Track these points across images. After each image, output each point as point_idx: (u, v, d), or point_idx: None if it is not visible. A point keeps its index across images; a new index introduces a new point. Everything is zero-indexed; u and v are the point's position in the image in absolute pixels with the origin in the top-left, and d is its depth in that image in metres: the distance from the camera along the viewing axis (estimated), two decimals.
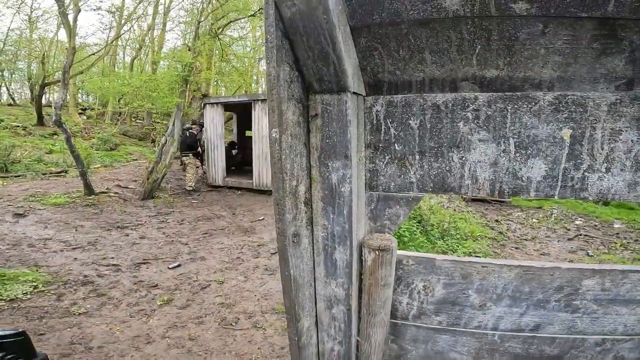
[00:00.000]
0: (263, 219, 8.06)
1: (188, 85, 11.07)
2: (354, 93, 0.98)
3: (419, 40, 0.94)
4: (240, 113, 13.54)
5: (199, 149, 10.90)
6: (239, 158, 13.82)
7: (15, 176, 9.74)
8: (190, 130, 10.69)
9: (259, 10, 11.78)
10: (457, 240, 7.23)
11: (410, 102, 1.05)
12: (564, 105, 0.94)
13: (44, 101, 18.23)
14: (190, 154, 10.42)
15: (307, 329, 1.19)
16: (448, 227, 7.48)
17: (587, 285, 1.06)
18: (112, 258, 5.22)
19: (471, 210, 10.66)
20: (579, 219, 10.39)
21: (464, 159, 1.03)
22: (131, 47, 24.44)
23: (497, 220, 9.85)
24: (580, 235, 8.83)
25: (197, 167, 10.91)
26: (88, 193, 8.31)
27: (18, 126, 14.59)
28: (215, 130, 11.27)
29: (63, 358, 2.98)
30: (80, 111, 19.97)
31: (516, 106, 0.97)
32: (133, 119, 22.39)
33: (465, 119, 1.01)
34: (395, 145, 1.08)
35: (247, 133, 14.33)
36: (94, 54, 16.62)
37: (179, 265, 5.10)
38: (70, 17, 9.20)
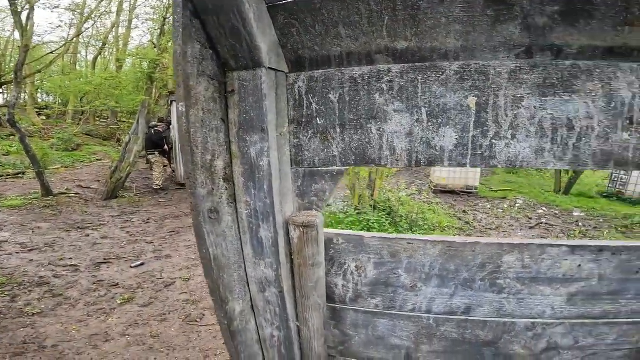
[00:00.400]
0: None
1: (154, 83, 10.73)
2: (271, 69, 0.98)
3: (332, 14, 0.96)
4: None
5: (166, 147, 10.59)
6: None
7: None
8: (157, 128, 10.38)
9: None
10: (425, 231, 7.43)
11: (329, 77, 1.06)
12: (468, 74, 0.97)
13: (1, 101, 17.17)
14: (157, 152, 10.12)
15: (240, 313, 1.19)
16: (416, 218, 7.66)
17: (508, 262, 1.10)
18: (71, 259, 5.05)
19: (440, 202, 10.96)
20: (542, 208, 10.90)
21: (381, 130, 1.05)
22: (94, 46, 23.44)
23: (464, 211, 10.19)
24: (542, 223, 9.27)
25: (165, 165, 10.61)
26: (46, 194, 7.93)
27: None
28: None
29: (16, 357, 2.89)
30: (37, 111, 18.93)
31: (425, 76, 1.00)
32: (97, 119, 21.47)
33: (380, 91, 1.03)
34: (318, 119, 1.09)
35: None
36: (52, 52, 15.80)
37: (142, 264, 4.98)
38: (24, 15, 8.73)
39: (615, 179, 12.51)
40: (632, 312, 1.14)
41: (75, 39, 17.98)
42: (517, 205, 10.99)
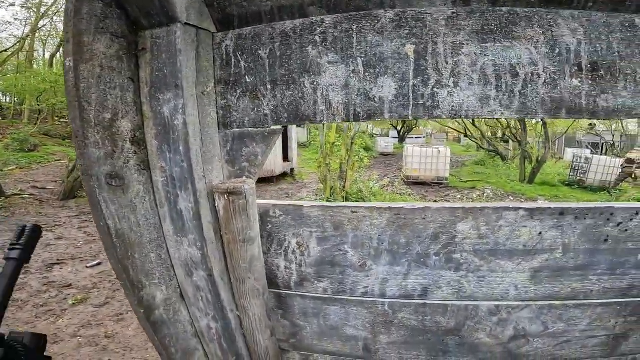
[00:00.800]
0: None
1: None
2: (192, 26, 0.91)
3: None
4: None
5: None
6: None
7: None
8: None
9: None
10: None
11: (259, 33, 0.97)
12: (404, 21, 0.90)
13: None
14: None
15: (163, 301, 1.05)
16: None
17: (463, 232, 1.01)
18: None
19: (412, 193, 11.11)
20: (509, 197, 11.27)
21: (315, 83, 0.95)
22: (52, 43, 22.19)
23: (435, 201, 10.37)
24: None
25: None
26: None
27: None
28: None
29: None
30: None
31: (361, 25, 0.92)
32: (56, 118, 20.32)
33: (313, 43, 0.94)
34: (247, 77, 0.98)
35: None
36: (5, 51, 14.79)
37: (99, 264, 4.73)
38: None
39: (576, 168, 13.10)
40: (605, 291, 1.07)
41: (30, 36, 16.95)
42: (485, 194, 11.30)
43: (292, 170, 13.71)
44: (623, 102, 0.85)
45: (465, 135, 20.79)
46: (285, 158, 13.04)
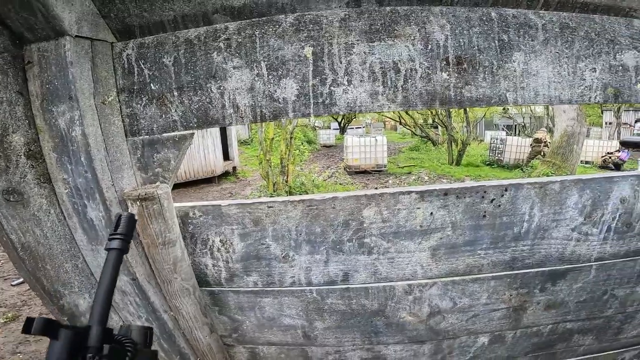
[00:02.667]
0: None
1: None
2: (85, 38, 0.90)
3: None
4: None
5: None
6: None
7: None
8: None
9: None
10: None
11: (162, 41, 0.98)
12: (303, 24, 0.96)
13: None
14: None
15: (89, 308, 1.03)
16: None
17: (369, 217, 1.10)
18: None
19: (354, 182, 11.50)
20: (442, 179, 12.15)
21: (222, 88, 0.98)
22: None
23: (376, 188, 10.85)
24: None
25: None
26: None
27: None
28: None
29: None
30: None
31: (263, 30, 0.97)
32: None
33: (218, 49, 0.97)
34: (152, 85, 0.99)
35: None
36: None
37: (24, 281, 4.30)
38: None
39: (494, 149, 14.52)
40: (493, 265, 1.20)
41: None
42: (420, 178, 12.09)
43: (234, 168, 13.41)
44: (483, 92, 0.99)
45: (400, 124, 21.94)
46: (226, 157, 12.71)
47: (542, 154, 12.08)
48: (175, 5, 0.93)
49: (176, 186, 9.90)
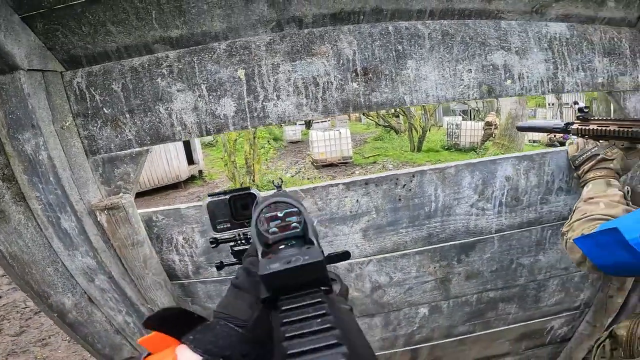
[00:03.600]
0: None
1: None
2: (36, 70, 1.01)
3: (97, 15, 1.03)
4: None
5: None
6: None
7: None
8: None
9: None
10: None
11: (109, 70, 1.12)
12: (235, 50, 1.15)
13: None
14: None
15: (74, 305, 1.21)
16: None
17: (307, 208, 1.24)
18: None
19: (321, 175, 11.74)
20: (406, 166, 12.63)
21: (169, 109, 1.15)
22: None
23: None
24: None
25: None
26: None
27: None
28: None
29: None
30: None
31: (200, 57, 1.14)
32: None
33: (162, 75, 1.13)
34: (104, 109, 1.13)
35: None
36: None
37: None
38: None
39: (451, 133, 15.27)
40: (415, 241, 1.38)
41: None
42: (384, 167, 12.53)
43: (200, 172, 13.24)
44: (386, 97, 1.22)
45: (364, 114, 22.41)
46: (191, 161, 12.53)
47: (493, 135, 12.88)
48: (117, 38, 1.08)
49: (141, 195, 9.71)
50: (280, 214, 0.46)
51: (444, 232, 1.43)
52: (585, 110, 1.28)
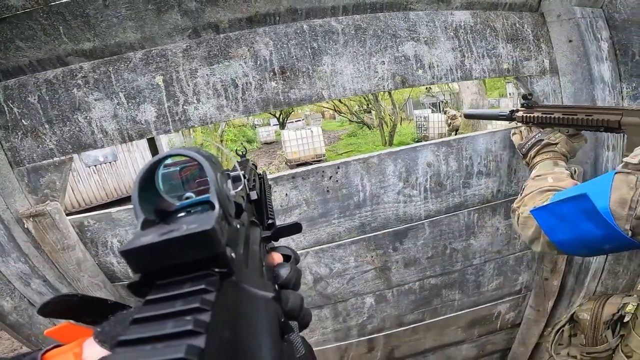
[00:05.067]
0: None
1: None
2: None
3: (4, 33, 1.06)
4: None
5: None
6: None
7: None
8: None
9: None
10: None
11: (24, 83, 1.14)
12: (151, 58, 1.18)
13: None
14: None
15: (14, 308, 1.26)
16: None
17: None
18: None
19: None
20: None
21: (89, 117, 1.17)
22: None
23: None
24: None
25: None
26: None
27: None
28: None
29: None
30: None
31: (116, 67, 1.17)
32: None
33: (77, 86, 1.16)
34: (23, 121, 1.15)
35: None
36: None
37: None
38: None
39: (420, 126, 15.65)
40: (349, 231, 1.40)
41: None
42: None
43: None
44: (305, 93, 1.27)
45: (337, 112, 22.58)
46: None
47: (458, 127, 13.29)
48: (28, 53, 1.10)
49: (107, 206, 9.44)
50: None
51: (376, 220, 1.48)
52: (529, 97, 1.32)
